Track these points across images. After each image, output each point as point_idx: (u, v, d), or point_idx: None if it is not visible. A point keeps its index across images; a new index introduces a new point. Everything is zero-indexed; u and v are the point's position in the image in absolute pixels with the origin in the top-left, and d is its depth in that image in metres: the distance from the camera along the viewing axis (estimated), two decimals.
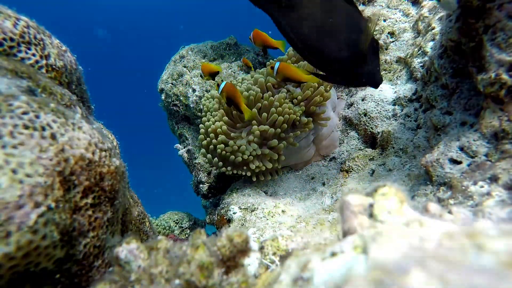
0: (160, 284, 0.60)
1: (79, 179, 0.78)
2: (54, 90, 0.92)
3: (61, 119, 0.78)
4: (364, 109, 2.14)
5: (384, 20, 2.26)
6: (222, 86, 1.83)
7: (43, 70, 1.04)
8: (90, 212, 0.82)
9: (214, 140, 1.97)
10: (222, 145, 1.93)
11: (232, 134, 1.98)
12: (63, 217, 0.73)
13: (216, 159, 1.98)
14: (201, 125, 2.12)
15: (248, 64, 2.70)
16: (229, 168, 1.95)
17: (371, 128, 2.08)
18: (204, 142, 2.02)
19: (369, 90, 2.21)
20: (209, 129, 2.00)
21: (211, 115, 2.10)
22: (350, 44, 1.21)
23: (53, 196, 0.70)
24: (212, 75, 2.24)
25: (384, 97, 2.11)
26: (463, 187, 1.19)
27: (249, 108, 1.90)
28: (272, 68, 1.76)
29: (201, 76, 2.45)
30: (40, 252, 0.68)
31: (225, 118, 2.03)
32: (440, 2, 1.37)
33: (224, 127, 1.99)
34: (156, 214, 3.11)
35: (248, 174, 1.94)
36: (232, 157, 1.90)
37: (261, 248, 0.77)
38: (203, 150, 2.07)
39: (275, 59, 2.27)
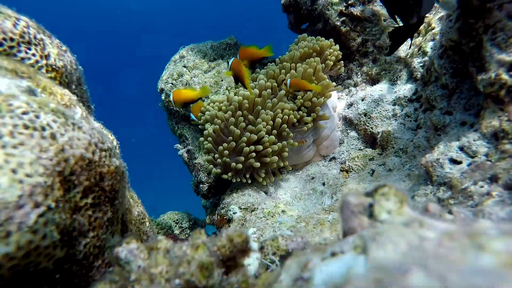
0: (160, 284, 0.60)
1: (79, 179, 0.78)
2: (54, 90, 0.92)
3: (61, 119, 0.78)
4: (364, 109, 2.14)
5: (385, 20, 2.26)
6: (230, 62, 1.95)
7: (43, 70, 1.04)
8: (90, 212, 0.82)
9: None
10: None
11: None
12: (63, 217, 0.73)
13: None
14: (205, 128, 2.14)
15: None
16: (230, 174, 1.98)
17: (371, 128, 2.08)
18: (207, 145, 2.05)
19: (369, 90, 2.21)
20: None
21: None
22: None
23: (53, 196, 0.70)
24: (185, 104, 2.20)
25: (384, 97, 2.11)
26: (463, 187, 1.19)
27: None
28: (285, 84, 2.00)
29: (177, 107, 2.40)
30: (40, 252, 0.68)
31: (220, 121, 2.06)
32: (440, 2, 1.37)
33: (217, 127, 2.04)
34: (156, 214, 3.11)
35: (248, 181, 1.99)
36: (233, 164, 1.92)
37: (261, 248, 0.77)
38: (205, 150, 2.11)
39: (278, 61, 2.28)
